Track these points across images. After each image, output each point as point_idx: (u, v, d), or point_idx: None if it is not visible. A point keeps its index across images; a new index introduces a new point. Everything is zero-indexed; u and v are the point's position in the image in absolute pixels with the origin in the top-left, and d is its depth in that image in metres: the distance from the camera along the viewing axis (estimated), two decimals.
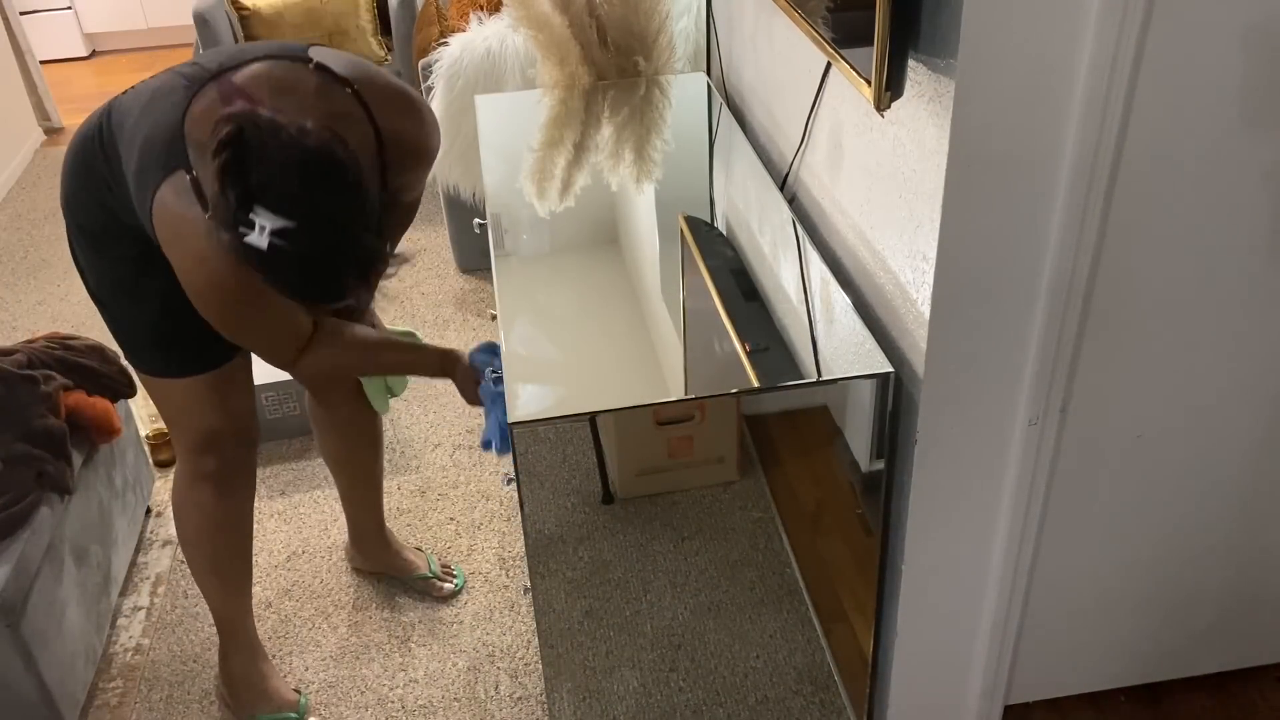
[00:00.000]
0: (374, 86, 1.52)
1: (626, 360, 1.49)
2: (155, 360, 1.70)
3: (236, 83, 1.47)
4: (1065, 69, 1.20)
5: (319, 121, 1.38)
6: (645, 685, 1.66)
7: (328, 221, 1.33)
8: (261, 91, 1.46)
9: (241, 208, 1.29)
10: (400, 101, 1.56)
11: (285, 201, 1.30)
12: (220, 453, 1.77)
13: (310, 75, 1.49)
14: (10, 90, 4.50)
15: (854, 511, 1.57)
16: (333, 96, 1.49)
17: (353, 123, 1.48)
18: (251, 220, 1.29)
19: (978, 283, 1.33)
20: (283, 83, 1.48)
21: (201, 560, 1.88)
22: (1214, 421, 1.55)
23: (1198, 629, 1.80)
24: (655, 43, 2.39)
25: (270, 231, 1.29)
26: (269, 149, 1.30)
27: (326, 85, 1.49)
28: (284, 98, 1.46)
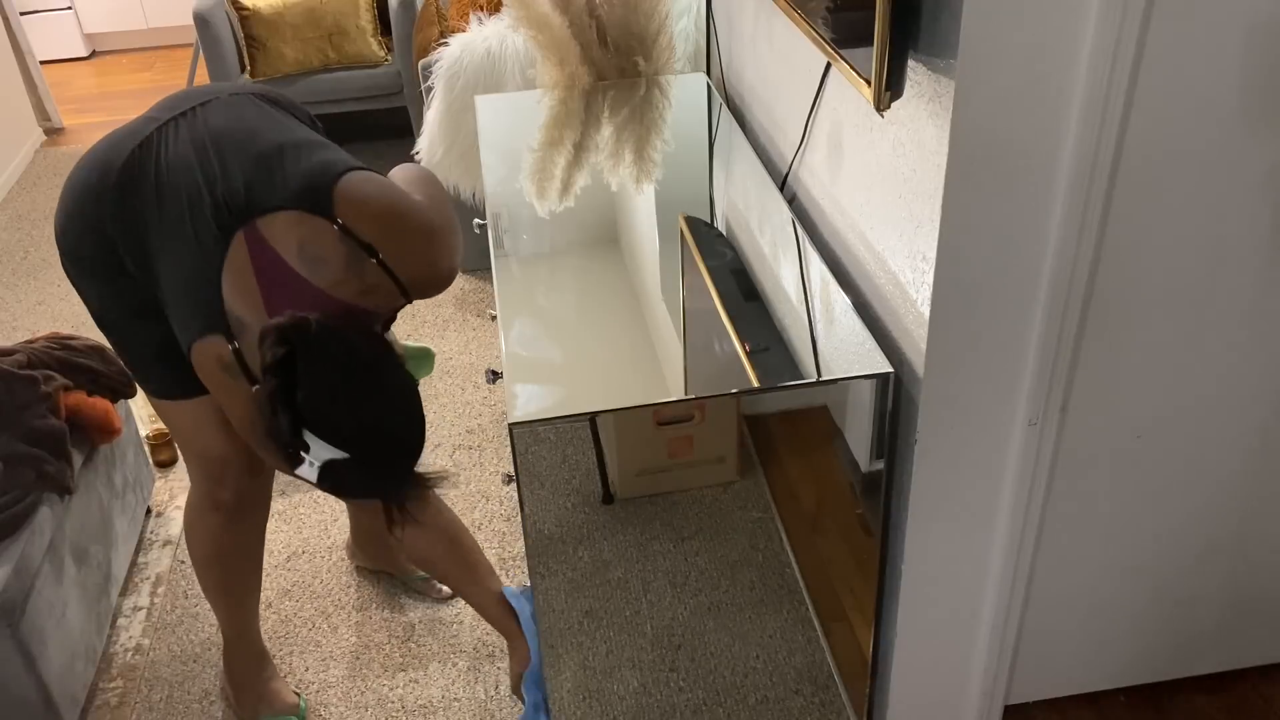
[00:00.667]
0: (398, 244, 1.52)
1: (626, 360, 1.49)
2: (163, 381, 1.69)
3: (269, 240, 1.47)
4: (1065, 69, 1.20)
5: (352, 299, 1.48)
6: (645, 685, 1.66)
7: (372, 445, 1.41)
8: (291, 256, 1.47)
9: (294, 434, 1.36)
10: (423, 250, 1.55)
11: (334, 430, 1.37)
12: (234, 484, 1.76)
13: (336, 242, 1.48)
14: (10, 90, 4.50)
15: (854, 511, 1.57)
16: (361, 270, 1.49)
17: (380, 292, 1.52)
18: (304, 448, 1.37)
19: (978, 283, 1.33)
20: (311, 249, 1.48)
21: (212, 582, 1.88)
22: (1213, 421, 1.55)
23: (1197, 629, 1.80)
24: (655, 43, 2.39)
25: (320, 465, 1.38)
26: (318, 374, 1.36)
27: (354, 257, 1.49)
28: (315, 269, 1.47)
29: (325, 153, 1.56)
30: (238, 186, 1.49)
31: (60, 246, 1.62)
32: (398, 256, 1.51)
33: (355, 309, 1.50)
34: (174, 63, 5.60)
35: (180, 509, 2.49)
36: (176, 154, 1.53)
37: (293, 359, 1.35)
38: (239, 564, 1.87)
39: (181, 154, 1.53)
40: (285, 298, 1.47)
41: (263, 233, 1.47)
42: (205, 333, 1.48)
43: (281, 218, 1.48)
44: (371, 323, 1.54)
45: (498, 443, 2.63)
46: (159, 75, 5.48)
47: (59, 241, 1.61)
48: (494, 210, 1.89)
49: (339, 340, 1.39)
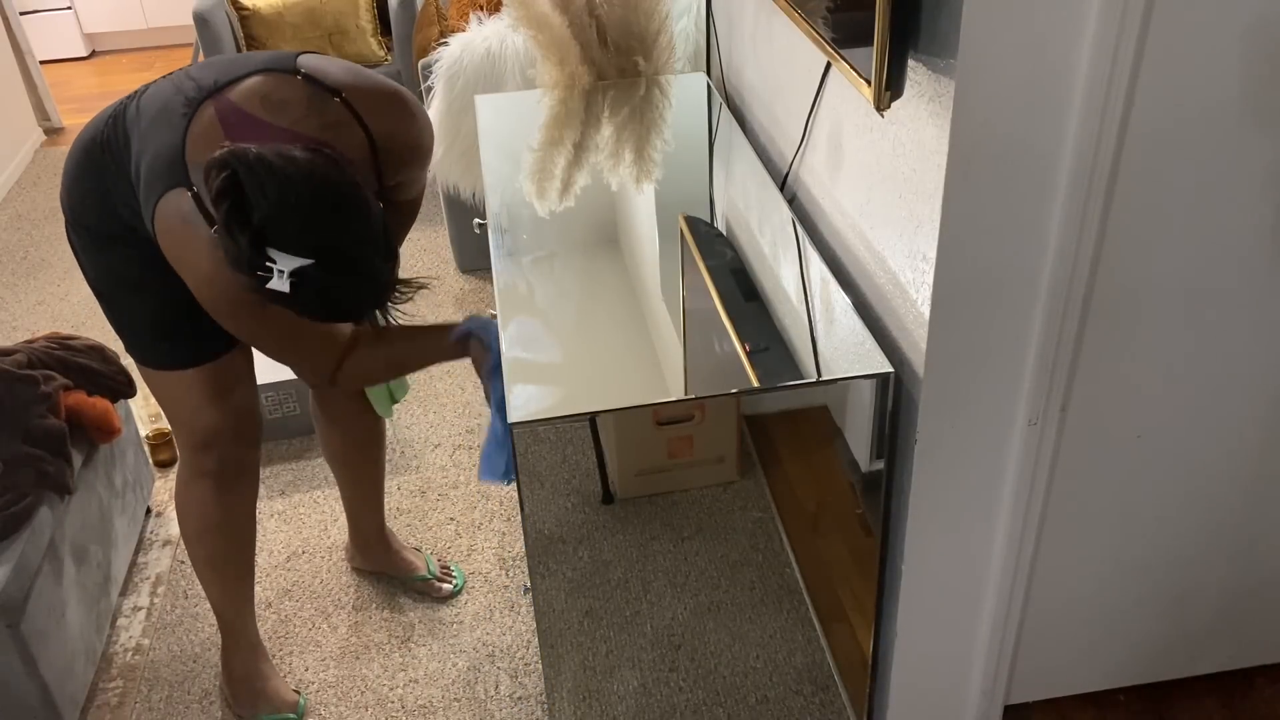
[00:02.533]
0: (362, 91, 1.56)
1: (626, 360, 1.49)
2: (154, 352, 1.72)
3: (232, 100, 1.52)
4: (1065, 69, 1.20)
5: (314, 133, 1.48)
6: (645, 685, 1.66)
7: (340, 250, 1.38)
8: (255, 107, 1.51)
9: (256, 252, 1.34)
10: (390, 102, 1.60)
11: (295, 239, 1.35)
12: (219, 451, 1.77)
13: (300, 86, 1.53)
14: (10, 90, 4.50)
15: (854, 511, 1.57)
16: (324, 107, 1.53)
17: (344, 130, 1.54)
18: (269, 265, 1.35)
19: (977, 283, 1.33)
20: (274, 97, 1.52)
21: (202, 557, 1.88)
22: (1214, 421, 1.55)
23: (1198, 628, 1.80)
24: (655, 43, 2.39)
25: (289, 273, 1.35)
26: (266, 188, 1.34)
27: (316, 96, 1.53)
28: (277, 112, 1.51)
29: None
30: (209, 77, 1.56)
31: (65, 214, 1.69)
32: (363, 102, 1.56)
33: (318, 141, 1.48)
34: (174, 63, 5.60)
35: None
36: (156, 88, 1.62)
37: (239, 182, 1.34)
38: (228, 537, 1.86)
39: (161, 86, 1.62)
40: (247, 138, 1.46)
41: (229, 96, 1.52)
42: (165, 190, 1.50)
43: (247, 81, 1.54)
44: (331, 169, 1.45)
45: None
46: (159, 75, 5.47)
47: (63, 208, 1.68)
48: (494, 210, 1.89)
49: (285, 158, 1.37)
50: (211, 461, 1.78)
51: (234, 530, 1.87)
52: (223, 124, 1.51)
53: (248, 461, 1.83)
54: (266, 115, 1.51)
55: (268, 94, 1.52)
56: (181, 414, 1.76)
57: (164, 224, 1.51)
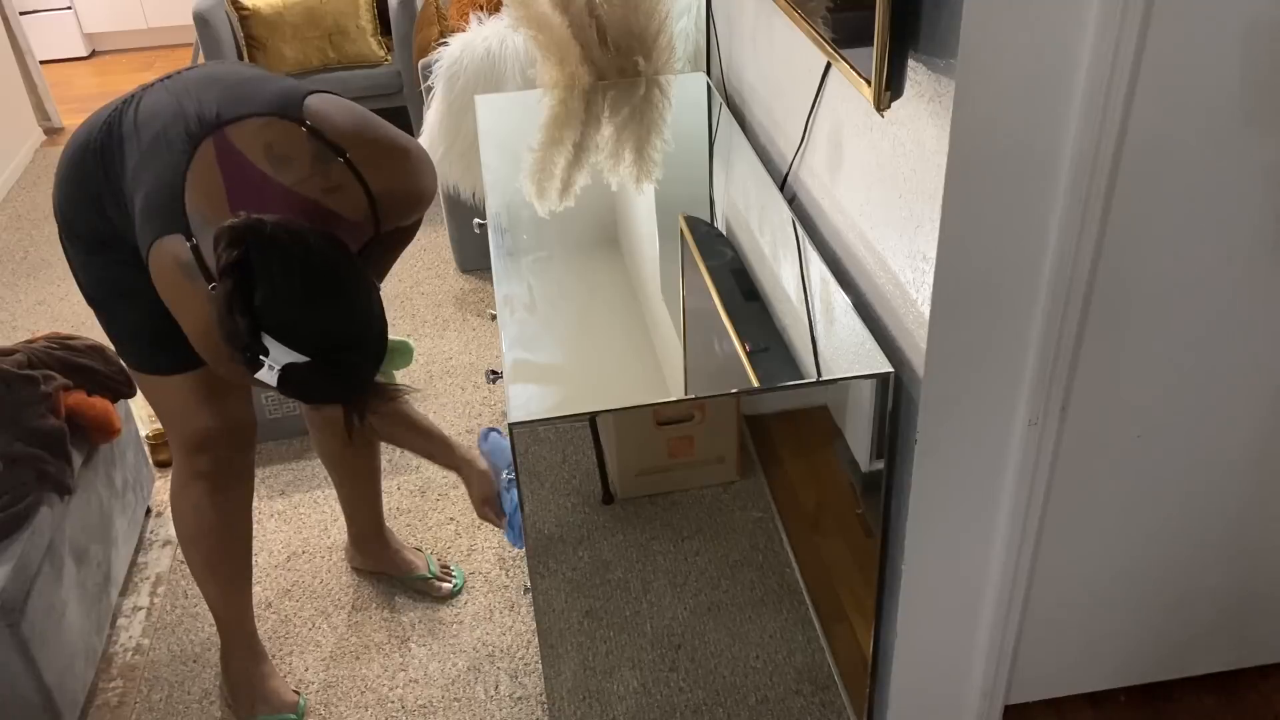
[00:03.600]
0: (366, 150, 1.53)
1: (626, 360, 1.49)
2: (148, 358, 1.72)
3: (234, 143, 1.48)
4: (1065, 69, 1.20)
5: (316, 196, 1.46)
6: (645, 685, 1.66)
7: (333, 355, 1.39)
8: (258, 156, 1.47)
9: (252, 336, 1.34)
10: (392, 159, 1.57)
11: (294, 335, 1.35)
12: (213, 453, 1.77)
13: (305, 141, 1.49)
14: (10, 90, 4.50)
15: (854, 512, 1.57)
16: (327, 169, 1.50)
17: (346, 192, 1.51)
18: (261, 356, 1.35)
19: (978, 283, 1.33)
20: (277, 149, 1.48)
21: (199, 559, 1.88)
22: (1213, 421, 1.55)
23: (1198, 628, 1.80)
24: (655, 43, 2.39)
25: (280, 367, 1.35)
26: (275, 278, 1.33)
27: (321, 155, 1.50)
28: (280, 167, 1.47)
29: (294, 81, 1.60)
30: (211, 106, 1.52)
31: (57, 219, 1.66)
32: (366, 162, 1.52)
33: (319, 207, 1.48)
34: (174, 63, 5.60)
35: None
36: (155, 99, 1.58)
37: (248, 261, 1.32)
38: (224, 539, 1.86)
39: (160, 98, 1.57)
40: (249, 195, 1.45)
41: (231, 139, 1.48)
42: (164, 232, 1.47)
43: (250, 124, 1.49)
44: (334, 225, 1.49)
45: None
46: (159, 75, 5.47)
47: (56, 214, 1.66)
48: (494, 210, 1.89)
49: (297, 239, 1.35)
50: (205, 464, 1.78)
51: (230, 532, 1.86)
52: (222, 169, 1.47)
53: (241, 464, 1.82)
54: (269, 168, 1.47)
55: (271, 144, 1.48)
56: (174, 418, 1.76)
57: (161, 268, 1.49)
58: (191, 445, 1.77)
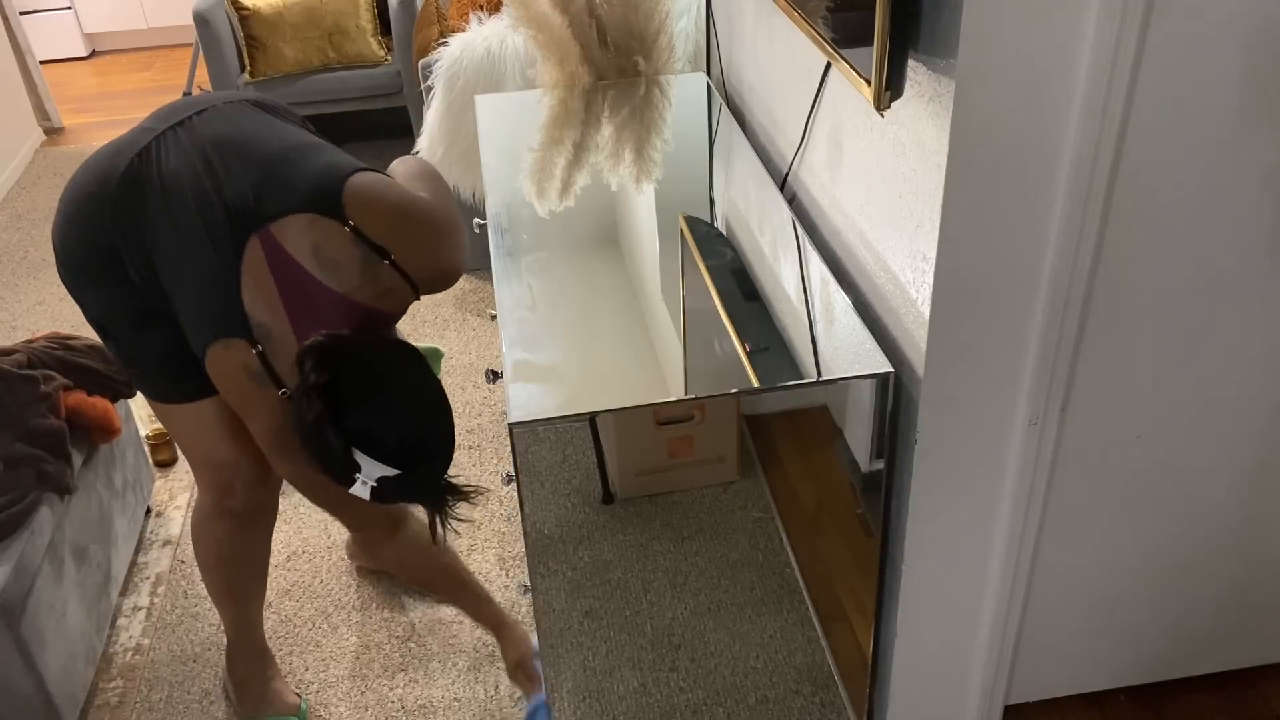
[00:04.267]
0: (408, 246, 1.54)
1: (626, 360, 1.49)
2: (165, 387, 1.69)
3: (281, 244, 1.48)
4: (1065, 69, 1.20)
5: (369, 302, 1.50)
6: (645, 685, 1.66)
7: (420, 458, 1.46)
8: (306, 259, 1.48)
9: (345, 454, 1.40)
10: (433, 248, 1.58)
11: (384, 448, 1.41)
12: (243, 493, 1.76)
13: (350, 244, 1.50)
14: (10, 90, 4.50)
15: (854, 511, 1.57)
16: (376, 274, 1.52)
17: (396, 293, 1.55)
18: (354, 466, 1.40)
19: (978, 282, 1.33)
20: (325, 252, 1.49)
21: (218, 585, 1.90)
22: (1214, 421, 1.55)
23: (1198, 628, 1.80)
24: (655, 43, 2.39)
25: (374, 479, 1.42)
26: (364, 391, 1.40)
27: (368, 260, 1.51)
28: (330, 273, 1.49)
29: (328, 154, 1.57)
30: (245, 191, 1.50)
31: (58, 255, 1.61)
32: (408, 256, 1.54)
33: (374, 313, 1.53)
34: (174, 63, 5.60)
35: (180, 509, 2.50)
36: (176, 161, 1.53)
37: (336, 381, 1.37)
38: (245, 569, 1.89)
39: (182, 161, 1.53)
40: (305, 303, 1.48)
41: (277, 237, 1.48)
42: (226, 335, 1.48)
43: (293, 221, 1.49)
44: (390, 327, 1.56)
45: (498, 443, 2.63)
46: (159, 75, 5.47)
47: (57, 250, 1.61)
48: (494, 210, 1.89)
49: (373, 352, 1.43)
50: (234, 503, 1.76)
51: (250, 562, 1.89)
52: (273, 272, 1.47)
53: (270, 499, 1.82)
54: (319, 273, 1.48)
55: (318, 246, 1.49)
56: (200, 452, 1.74)
57: (226, 372, 1.50)
58: (221, 483, 1.75)
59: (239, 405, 1.54)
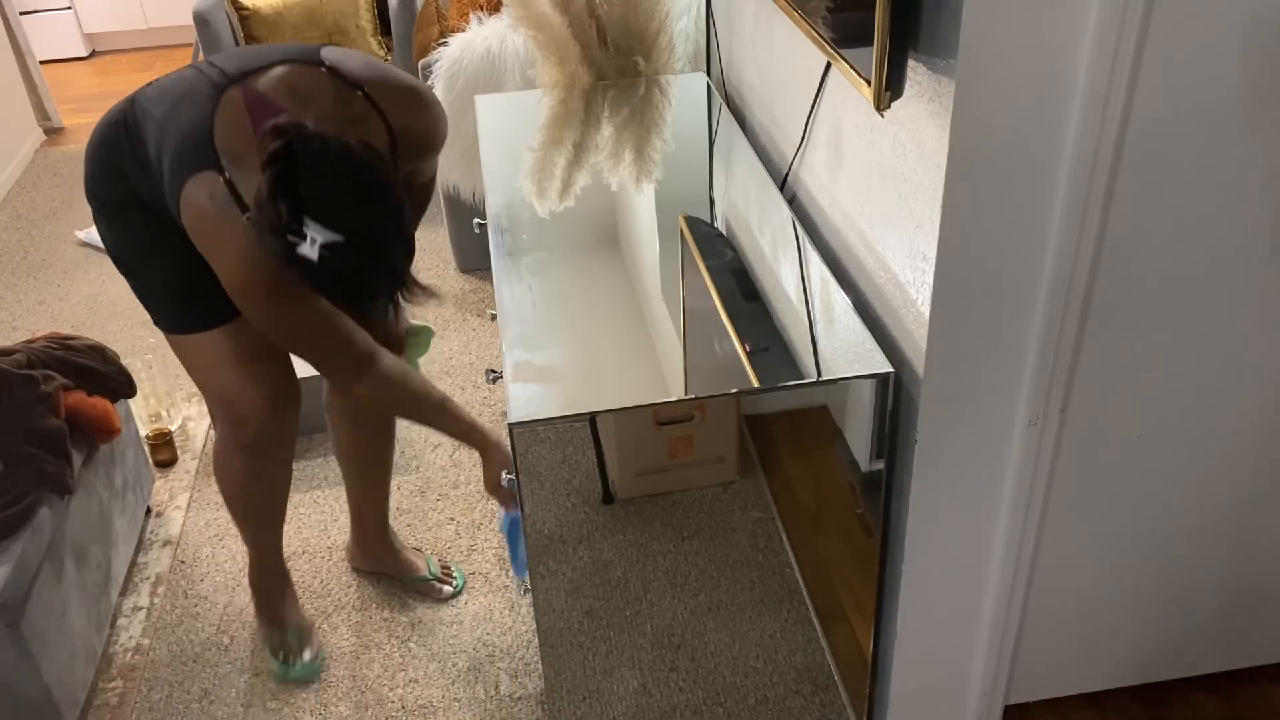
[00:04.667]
0: (384, 88, 1.64)
1: (626, 360, 1.49)
2: (178, 318, 1.78)
3: (259, 89, 1.58)
4: (1065, 69, 1.20)
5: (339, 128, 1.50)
6: (645, 685, 1.66)
7: (371, 236, 1.44)
8: (282, 97, 1.57)
9: (294, 219, 1.40)
10: (408, 98, 1.67)
11: (334, 216, 1.41)
12: (256, 425, 1.82)
13: (325, 80, 1.60)
14: (10, 90, 4.50)
15: (854, 511, 1.57)
16: (349, 102, 1.60)
17: (367, 124, 1.61)
18: (303, 231, 1.40)
19: (978, 283, 1.33)
20: (300, 88, 1.59)
21: (239, 511, 1.99)
22: (1213, 421, 1.56)
23: (1198, 628, 1.80)
24: (655, 43, 2.39)
25: (320, 244, 1.40)
26: (318, 163, 1.41)
27: (341, 90, 1.60)
28: (304, 104, 1.57)
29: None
30: (231, 66, 1.63)
31: (87, 188, 1.75)
32: (383, 98, 1.63)
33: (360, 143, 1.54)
34: (174, 63, 5.60)
35: (180, 509, 2.50)
36: (170, 78, 1.70)
37: (291, 152, 1.40)
38: (264, 498, 1.97)
39: (174, 76, 1.69)
40: None
41: (255, 86, 1.58)
42: (195, 171, 1.55)
43: (273, 71, 1.60)
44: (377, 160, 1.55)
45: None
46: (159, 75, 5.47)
47: (86, 184, 1.75)
48: (494, 210, 1.89)
49: (336, 138, 1.44)
50: (248, 435, 1.83)
51: (270, 491, 1.96)
52: (249, 111, 1.56)
53: (285, 430, 1.88)
54: (293, 106, 1.56)
55: (294, 85, 1.58)
56: (214, 385, 1.81)
57: (193, 205, 1.55)
58: (234, 416, 1.81)
59: (207, 241, 1.57)
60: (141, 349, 3.11)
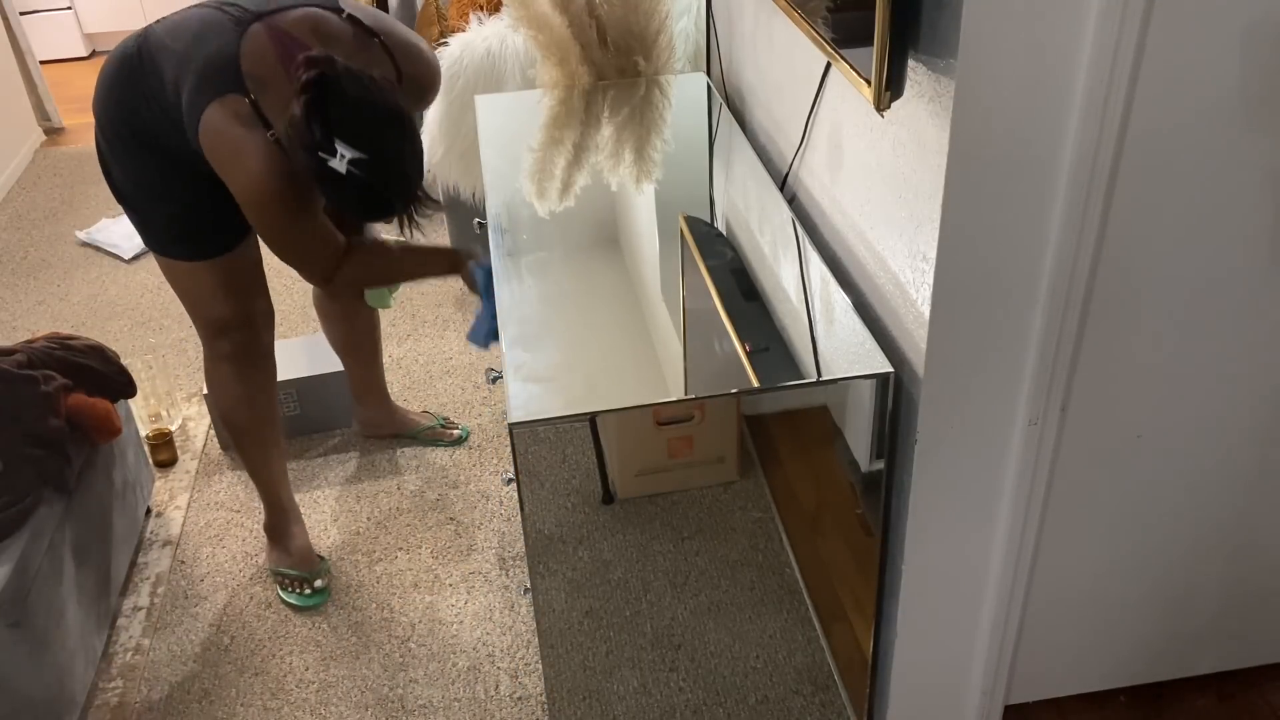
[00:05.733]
0: (394, 38, 1.85)
1: (626, 360, 1.49)
2: (172, 247, 1.95)
3: (284, 27, 1.73)
4: (1065, 69, 1.20)
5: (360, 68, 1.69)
6: (645, 685, 1.66)
7: (391, 157, 1.66)
8: (307, 35, 1.74)
9: (325, 139, 1.60)
10: (415, 50, 1.89)
11: (361, 138, 1.61)
12: (231, 338, 2.04)
13: (346, 25, 1.79)
14: (10, 90, 4.50)
15: (854, 511, 1.57)
16: (368, 47, 1.80)
17: (383, 69, 1.81)
18: (334, 148, 1.60)
19: (978, 283, 1.33)
20: (324, 30, 1.76)
21: (238, 428, 2.16)
22: (1214, 421, 1.56)
23: (1198, 628, 1.80)
24: (655, 43, 2.39)
25: (349, 160, 1.60)
26: (347, 91, 1.61)
27: (361, 36, 1.80)
28: (328, 44, 1.74)
29: None
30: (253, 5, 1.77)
31: (97, 124, 1.90)
32: (395, 46, 1.83)
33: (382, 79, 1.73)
34: None
35: (180, 509, 2.50)
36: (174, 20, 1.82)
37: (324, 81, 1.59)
38: (254, 410, 2.14)
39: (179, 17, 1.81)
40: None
41: (278, 23, 1.74)
42: (220, 94, 1.70)
43: (294, 12, 1.76)
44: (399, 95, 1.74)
45: (498, 443, 2.63)
46: None
47: (97, 121, 1.90)
48: (494, 210, 1.89)
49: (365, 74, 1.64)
50: (226, 346, 2.05)
51: (257, 404, 2.14)
52: (274, 44, 1.71)
53: (259, 348, 2.08)
54: (318, 44, 1.72)
55: (317, 25, 1.75)
56: (197, 304, 2.01)
57: (215, 123, 1.70)
58: (213, 330, 2.04)
59: (229, 157, 1.72)
60: (141, 349, 3.11)
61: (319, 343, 2.64)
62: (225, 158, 1.72)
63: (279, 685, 2.05)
